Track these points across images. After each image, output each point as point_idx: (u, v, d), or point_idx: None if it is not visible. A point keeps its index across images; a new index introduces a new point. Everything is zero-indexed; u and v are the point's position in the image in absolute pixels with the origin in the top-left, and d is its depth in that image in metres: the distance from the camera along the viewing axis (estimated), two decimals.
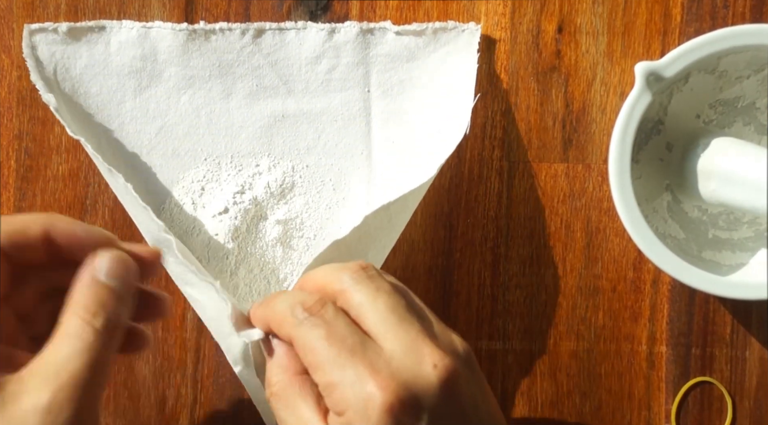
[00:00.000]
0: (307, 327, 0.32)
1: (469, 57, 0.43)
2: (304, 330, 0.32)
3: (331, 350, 0.32)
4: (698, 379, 0.45)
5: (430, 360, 0.32)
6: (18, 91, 0.46)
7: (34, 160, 0.46)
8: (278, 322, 0.34)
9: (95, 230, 0.34)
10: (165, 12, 0.45)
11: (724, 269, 0.43)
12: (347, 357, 0.31)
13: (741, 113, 0.44)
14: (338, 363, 0.31)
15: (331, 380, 0.31)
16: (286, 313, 0.33)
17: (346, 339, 0.32)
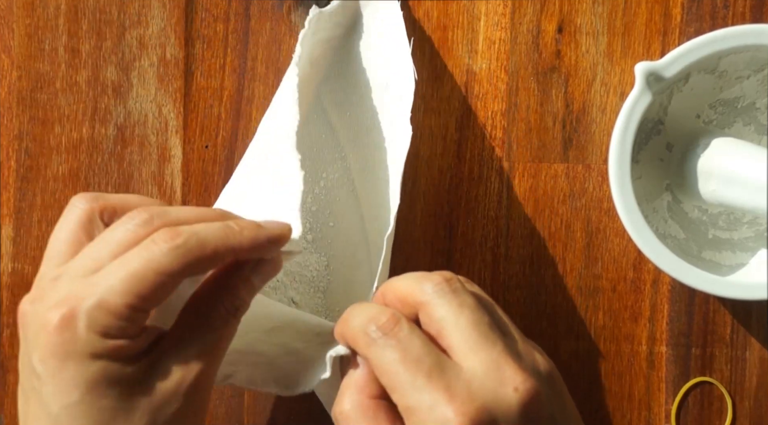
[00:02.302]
0: (381, 348, 0.31)
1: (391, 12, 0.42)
2: (378, 351, 0.32)
3: (406, 373, 0.31)
4: (698, 379, 0.45)
5: (511, 383, 0.31)
6: (18, 91, 0.46)
7: (34, 160, 0.46)
8: (353, 340, 0.33)
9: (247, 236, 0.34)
10: (165, 12, 0.45)
11: (724, 269, 0.43)
12: (424, 381, 0.31)
13: (741, 113, 0.44)
14: (415, 387, 0.30)
15: (408, 404, 0.31)
16: (360, 331, 0.32)
17: (423, 361, 0.31)
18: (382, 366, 0.31)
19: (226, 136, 0.46)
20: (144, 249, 0.31)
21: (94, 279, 0.31)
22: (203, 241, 0.32)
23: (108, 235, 0.33)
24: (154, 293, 0.31)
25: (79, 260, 0.32)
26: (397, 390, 0.31)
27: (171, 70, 0.46)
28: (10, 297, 0.46)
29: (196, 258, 0.32)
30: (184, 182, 0.46)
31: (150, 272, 0.31)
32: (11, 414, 0.46)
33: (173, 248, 0.31)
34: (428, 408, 0.30)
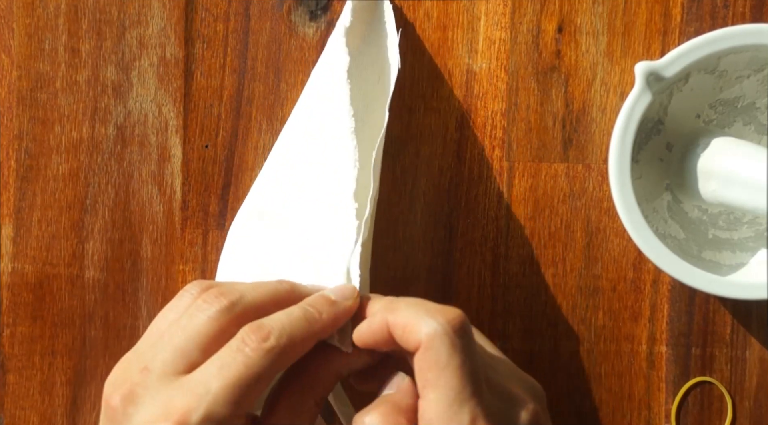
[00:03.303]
0: (446, 343, 0.32)
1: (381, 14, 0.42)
2: (441, 345, 0.32)
3: (460, 380, 0.31)
4: (698, 379, 0.45)
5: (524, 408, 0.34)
6: (18, 91, 0.46)
7: (34, 160, 0.46)
8: (409, 326, 0.32)
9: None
10: (165, 12, 0.45)
11: (724, 269, 0.43)
12: (469, 394, 0.31)
13: (741, 113, 0.44)
14: (459, 396, 0.31)
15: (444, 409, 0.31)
16: (423, 320, 0.32)
17: (475, 374, 0.32)
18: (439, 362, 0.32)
19: (226, 136, 0.46)
20: (239, 353, 0.32)
21: (193, 386, 0.31)
22: (292, 337, 0.33)
23: (189, 323, 0.33)
24: (255, 398, 0.32)
25: (167, 353, 0.33)
26: (441, 391, 0.31)
27: (171, 70, 0.46)
28: (10, 297, 0.46)
29: (289, 357, 0.33)
30: (184, 182, 0.46)
31: (252, 378, 0.32)
32: (11, 414, 0.46)
33: (268, 351, 0.32)
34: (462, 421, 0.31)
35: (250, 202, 0.43)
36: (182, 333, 0.33)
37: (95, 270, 0.46)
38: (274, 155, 0.43)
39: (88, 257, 0.46)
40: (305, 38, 0.45)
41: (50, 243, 0.46)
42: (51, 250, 0.46)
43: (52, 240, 0.46)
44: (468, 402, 0.31)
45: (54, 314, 0.46)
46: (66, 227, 0.46)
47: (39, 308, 0.46)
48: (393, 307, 0.34)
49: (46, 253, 0.46)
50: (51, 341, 0.46)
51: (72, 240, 0.46)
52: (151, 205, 0.46)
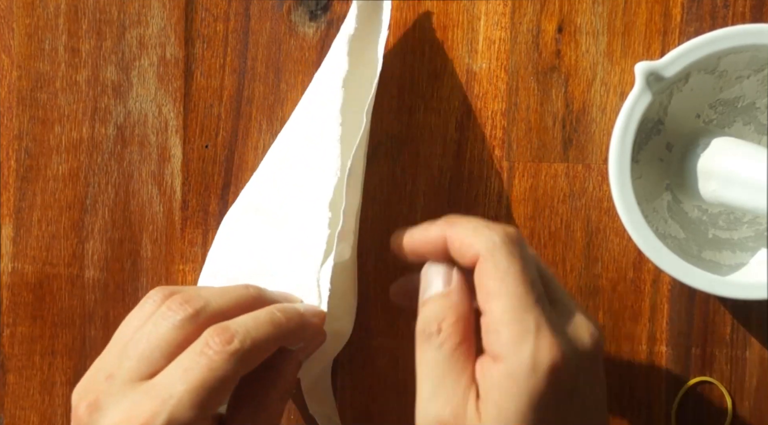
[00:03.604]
0: (505, 254, 0.32)
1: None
2: (500, 255, 0.32)
3: (522, 287, 0.32)
4: (698, 379, 0.45)
5: (586, 329, 0.33)
6: (18, 91, 0.46)
7: (34, 160, 0.46)
8: (467, 241, 0.33)
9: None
10: (165, 12, 0.45)
11: (724, 269, 0.43)
12: (533, 302, 0.31)
13: (741, 112, 0.44)
14: (523, 303, 0.31)
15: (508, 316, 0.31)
16: (482, 233, 0.33)
17: (536, 284, 0.32)
18: (499, 270, 0.32)
19: (226, 136, 0.46)
20: (203, 357, 0.32)
21: (157, 391, 0.32)
22: (257, 341, 0.33)
23: (153, 331, 0.33)
24: (219, 401, 0.32)
25: (132, 360, 0.33)
26: (504, 299, 0.31)
27: (171, 70, 0.46)
28: (10, 297, 0.46)
29: (253, 359, 0.33)
30: (184, 182, 0.46)
31: (215, 382, 0.32)
32: (11, 414, 0.46)
33: (232, 354, 0.32)
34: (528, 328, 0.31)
35: (244, 196, 0.44)
36: (146, 340, 0.33)
37: (95, 270, 0.46)
38: (271, 154, 0.44)
39: (88, 257, 0.46)
40: (305, 38, 0.45)
41: (50, 243, 0.46)
42: (51, 250, 0.46)
43: (52, 240, 0.46)
44: (532, 309, 0.31)
45: (54, 314, 0.46)
46: (66, 227, 0.46)
47: (39, 308, 0.46)
48: (452, 222, 0.34)
49: (46, 253, 0.46)
50: (51, 341, 0.46)
51: (72, 240, 0.46)
52: (151, 205, 0.46)
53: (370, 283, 0.45)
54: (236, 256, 0.42)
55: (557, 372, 0.31)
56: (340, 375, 0.46)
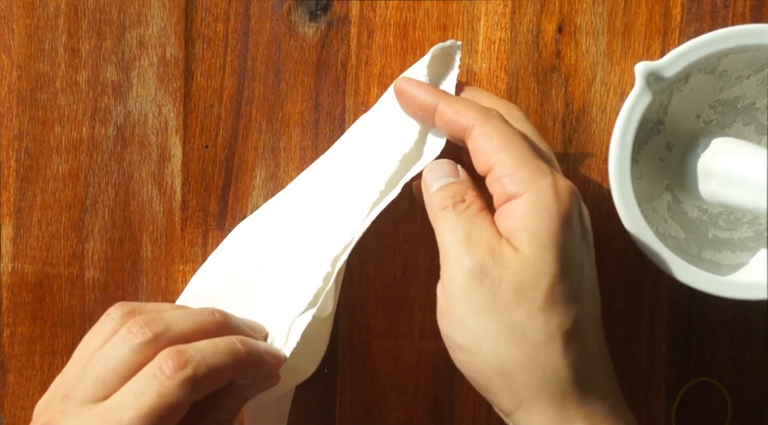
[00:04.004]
0: (501, 121, 0.35)
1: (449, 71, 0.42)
2: (497, 121, 0.35)
3: (523, 143, 0.35)
4: (698, 379, 0.45)
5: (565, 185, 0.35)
6: (18, 91, 0.46)
7: (34, 160, 0.46)
8: (461, 111, 0.36)
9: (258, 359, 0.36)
10: (165, 12, 0.45)
11: (724, 269, 0.43)
12: (534, 155, 0.35)
13: (741, 113, 0.44)
14: (528, 152, 0.34)
15: (519, 160, 0.34)
16: (474, 107, 0.36)
17: (532, 144, 0.36)
18: (500, 131, 0.35)
19: (226, 136, 0.46)
20: (155, 381, 0.32)
21: (108, 413, 0.31)
22: (211, 369, 0.33)
23: (111, 353, 0.33)
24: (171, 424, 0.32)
25: (88, 382, 0.33)
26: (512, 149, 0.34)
27: (171, 70, 0.46)
28: (10, 297, 0.46)
29: (206, 387, 0.33)
30: (184, 182, 0.46)
31: (164, 409, 0.31)
32: (11, 414, 0.46)
33: (184, 381, 0.32)
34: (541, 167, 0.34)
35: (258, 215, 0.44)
36: (104, 363, 0.33)
37: (95, 270, 0.46)
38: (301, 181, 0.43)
39: (88, 257, 0.46)
40: (305, 38, 0.45)
41: (50, 243, 0.46)
42: (51, 250, 0.46)
43: (52, 240, 0.46)
44: (536, 157, 0.34)
45: (54, 314, 0.46)
46: (66, 227, 0.46)
47: (39, 308, 0.46)
48: (444, 95, 0.37)
49: (46, 253, 0.46)
50: (51, 341, 0.46)
51: (72, 240, 0.46)
52: (151, 205, 0.46)
53: (370, 283, 0.45)
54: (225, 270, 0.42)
55: (574, 200, 0.34)
56: (340, 375, 0.46)
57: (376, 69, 0.45)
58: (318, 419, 0.46)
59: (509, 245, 0.33)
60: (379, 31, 0.45)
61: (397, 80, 0.38)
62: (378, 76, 0.45)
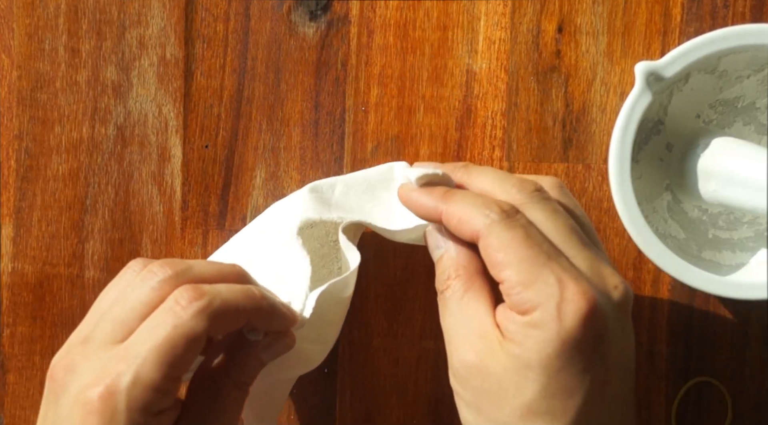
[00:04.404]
0: (504, 227, 0.32)
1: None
2: (500, 229, 0.32)
3: (530, 250, 0.32)
4: (698, 379, 0.45)
5: (611, 282, 0.32)
6: (18, 91, 0.46)
7: (34, 160, 0.46)
8: (465, 218, 0.33)
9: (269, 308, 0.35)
10: (165, 12, 0.45)
11: (724, 269, 0.43)
12: (545, 260, 0.32)
13: (741, 113, 0.44)
14: (536, 263, 0.31)
15: (525, 279, 0.31)
16: (477, 211, 0.33)
17: (543, 245, 0.32)
18: (502, 243, 0.32)
19: (226, 136, 0.46)
20: (170, 313, 0.32)
21: (126, 351, 0.31)
22: (226, 302, 0.33)
23: (131, 294, 0.33)
24: (185, 360, 0.32)
25: (107, 323, 0.33)
26: (514, 265, 0.32)
27: (171, 70, 0.46)
28: (10, 297, 0.46)
29: (220, 320, 0.32)
30: (184, 182, 0.46)
31: (179, 338, 0.31)
32: (11, 414, 0.46)
33: (199, 311, 0.32)
34: (548, 284, 0.31)
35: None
36: (124, 303, 0.33)
37: (95, 270, 0.46)
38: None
39: (88, 257, 0.46)
40: (305, 38, 0.45)
41: (50, 243, 0.46)
42: (51, 250, 0.46)
43: (52, 240, 0.46)
44: (547, 265, 0.31)
45: (54, 314, 0.46)
46: (66, 227, 0.46)
47: (39, 308, 0.46)
48: (448, 197, 0.34)
49: (46, 253, 0.46)
50: (51, 341, 0.46)
51: (72, 240, 0.46)
52: (151, 205, 0.46)
53: (370, 283, 0.45)
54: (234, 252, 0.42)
55: (585, 319, 0.31)
56: (340, 375, 0.46)
57: (376, 69, 0.45)
58: (318, 419, 0.46)
59: (501, 351, 0.32)
60: (379, 31, 0.45)
61: (399, 188, 0.37)
62: (378, 76, 0.45)
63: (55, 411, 0.32)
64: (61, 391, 0.32)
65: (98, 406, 0.30)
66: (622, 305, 0.32)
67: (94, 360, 0.32)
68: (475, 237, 0.33)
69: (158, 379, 0.31)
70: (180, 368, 0.32)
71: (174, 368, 0.31)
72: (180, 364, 0.31)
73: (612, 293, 0.32)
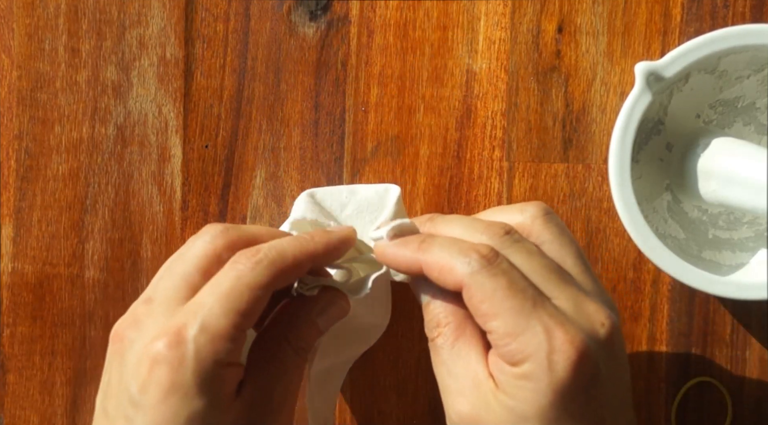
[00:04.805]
0: (486, 276, 0.32)
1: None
2: (482, 278, 0.32)
3: (514, 300, 0.31)
4: (698, 379, 0.45)
5: (597, 319, 0.32)
6: (18, 91, 0.46)
7: (34, 160, 0.46)
8: (446, 268, 0.33)
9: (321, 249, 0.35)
10: (165, 12, 0.45)
11: (724, 269, 0.43)
12: (531, 308, 0.31)
13: (741, 113, 0.44)
14: (523, 313, 0.31)
15: (512, 330, 0.31)
16: (457, 260, 0.32)
17: (527, 291, 0.32)
18: (485, 293, 0.32)
19: (226, 136, 0.46)
20: (230, 269, 0.32)
21: (191, 305, 0.32)
22: (282, 252, 0.33)
23: (187, 251, 0.34)
24: (250, 309, 0.32)
25: (167, 280, 0.33)
26: (501, 316, 0.31)
27: (171, 70, 0.46)
28: (10, 297, 0.46)
29: (279, 269, 0.33)
30: (184, 182, 0.46)
31: (243, 287, 0.32)
32: (11, 414, 0.46)
33: (257, 263, 0.32)
34: (536, 333, 0.31)
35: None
36: (181, 260, 0.34)
37: (95, 270, 0.46)
38: None
39: (88, 257, 0.46)
40: (305, 38, 0.45)
41: (50, 243, 0.46)
42: (51, 250, 0.46)
43: (52, 240, 0.46)
44: (533, 315, 0.31)
45: (54, 314, 0.46)
46: (66, 227, 0.46)
47: (39, 308, 0.46)
48: (425, 247, 0.34)
49: (46, 253, 0.46)
50: (51, 341, 0.46)
51: (72, 240, 0.46)
52: (151, 205, 0.46)
53: None
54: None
55: (575, 367, 0.31)
56: None
57: (376, 69, 0.45)
58: None
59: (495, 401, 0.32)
60: (379, 31, 0.45)
61: (375, 248, 0.36)
62: (378, 76, 0.45)
63: (120, 369, 0.32)
64: (126, 349, 0.32)
65: (166, 355, 0.30)
66: (610, 341, 0.32)
67: (159, 316, 0.32)
68: (458, 287, 0.32)
69: (225, 327, 0.31)
70: (246, 316, 0.32)
71: (240, 315, 0.31)
72: (246, 311, 0.32)
73: (599, 331, 0.32)
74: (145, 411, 0.31)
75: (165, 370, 0.30)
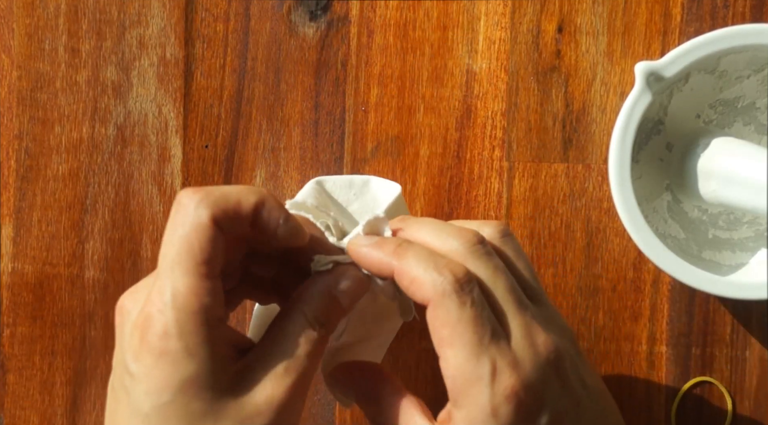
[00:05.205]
0: (455, 302, 0.32)
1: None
2: (451, 303, 0.32)
3: (474, 335, 0.31)
4: (698, 379, 0.45)
5: (542, 342, 0.32)
6: (18, 91, 0.46)
7: (34, 160, 0.46)
8: (418, 281, 0.32)
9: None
10: (165, 12, 0.45)
11: (724, 269, 0.43)
12: (486, 346, 0.31)
13: (741, 112, 0.44)
14: (478, 350, 0.31)
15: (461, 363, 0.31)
16: (430, 276, 0.32)
17: (487, 323, 0.32)
18: (449, 320, 0.31)
19: (226, 136, 0.46)
20: (178, 213, 0.32)
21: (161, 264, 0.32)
22: (226, 192, 0.32)
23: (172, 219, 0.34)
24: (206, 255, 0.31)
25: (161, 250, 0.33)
26: (458, 347, 0.31)
27: (171, 70, 0.46)
28: (10, 297, 0.46)
29: (222, 209, 0.32)
30: (184, 182, 0.46)
31: (192, 232, 0.32)
32: (11, 414, 0.46)
33: (199, 202, 0.32)
34: (480, 376, 0.31)
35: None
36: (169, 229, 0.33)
37: (95, 270, 0.46)
38: None
39: (88, 257, 0.46)
40: (305, 38, 0.45)
41: (50, 243, 0.46)
42: (51, 250, 0.46)
43: (52, 240, 0.46)
44: (485, 352, 0.31)
45: (54, 314, 0.46)
46: (66, 227, 0.46)
47: (39, 308, 0.46)
48: (401, 253, 0.33)
49: (46, 253, 0.46)
50: (51, 341, 0.46)
51: (72, 240, 0.46)
52: (151, 205, 0.46)
53: None
54: None
55: (520, 405, 0.31)
56: None
57: (376, 69, 0.45)
58: (318, 419, 0.46)
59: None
60: (379, 31, 0.45)
61: (348, 245, 0.35)
62: (378, 76, 0.45)
63: (121, 341, 0.32)
64: (125, 321, 0.32)
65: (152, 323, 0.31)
66: (557, 363, 0.32)
67: (150, 283, 0.32)
68: (425, 302, 0.32)
69: (192, 283, 0.31)
70: (206, 262, 0.31)
71: (200, 264, 0.31)
72: (203, 258, 0.31)
73: (543, 354, 0.32)
74: (140, 379, 0.31)
75: (153, 338, 0.31)
